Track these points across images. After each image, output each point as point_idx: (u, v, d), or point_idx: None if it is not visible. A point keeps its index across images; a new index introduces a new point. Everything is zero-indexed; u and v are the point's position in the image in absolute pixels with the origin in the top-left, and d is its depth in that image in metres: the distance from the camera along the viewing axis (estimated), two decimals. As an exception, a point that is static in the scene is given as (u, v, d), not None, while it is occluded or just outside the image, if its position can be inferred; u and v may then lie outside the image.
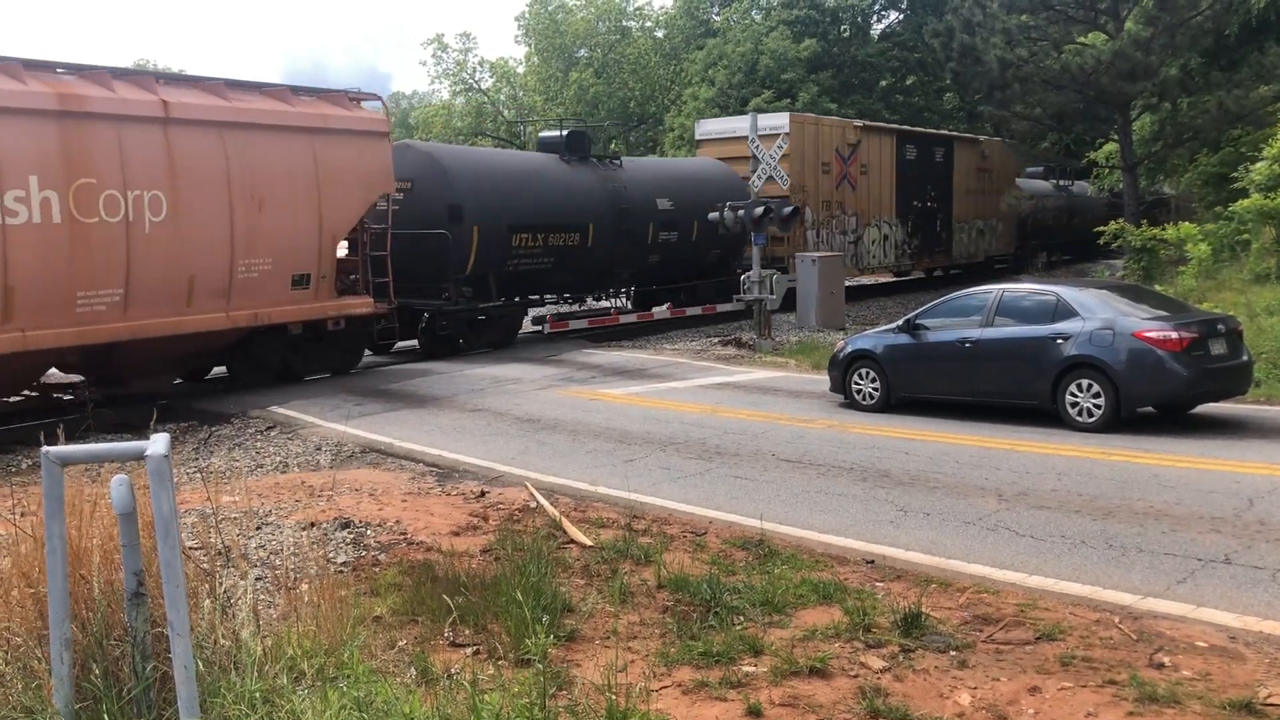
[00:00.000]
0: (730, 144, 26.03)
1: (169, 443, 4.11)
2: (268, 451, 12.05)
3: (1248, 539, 7.49)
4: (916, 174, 31.38)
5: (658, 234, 22.75)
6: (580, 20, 54.44)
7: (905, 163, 30.92)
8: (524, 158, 22.55)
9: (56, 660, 4.12)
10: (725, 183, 24.75)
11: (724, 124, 28.15)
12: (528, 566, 6.63)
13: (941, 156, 33.03)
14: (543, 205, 20.03)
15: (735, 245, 24.69)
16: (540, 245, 20.14)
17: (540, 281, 20.91)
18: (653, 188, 22.83)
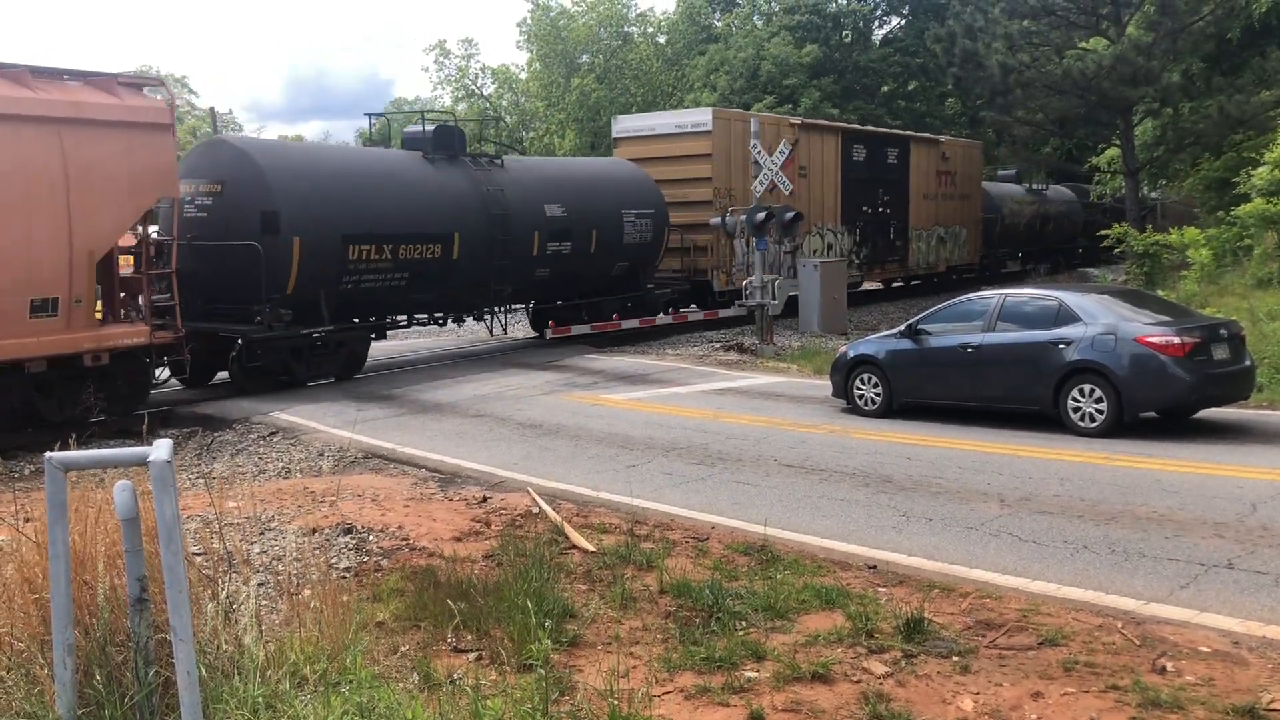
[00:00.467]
0: (650, 143, 24.44)
1: (172, 448, 4.11)
2: (270, 457, 12.06)
3: (1251, 544, 7.48)
4: (866, 177, 28.93)
5: (545, 244, 19.93)
6: (582, 26, 54.48)
7: (852, 164, 28.33)
8: (371, 156, 19.09)
9: (59, 666, 4.12)
10: (634, 186, 22.43)
11: (643, 120, 26.01)
12: (530, 572, 6.63)
13: (895, 158, 30.43)
14: (392, 212, 17.00)
15: (646, 256, 22.76)
16: (388, 259, 17.04)
17: (390, 302, 17.93)
18: (539, 191, 20.10)
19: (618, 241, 21.49)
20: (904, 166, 30.72)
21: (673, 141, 24.20)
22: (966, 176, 34.36)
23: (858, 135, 29.66)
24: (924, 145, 32.36)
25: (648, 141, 24.68)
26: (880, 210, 29.71)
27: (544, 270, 20.35)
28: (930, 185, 32.15)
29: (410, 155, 18.65)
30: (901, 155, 30.69)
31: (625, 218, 21.69)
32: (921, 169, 31.63)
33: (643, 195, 22.35)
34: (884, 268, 30.66)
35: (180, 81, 74.76)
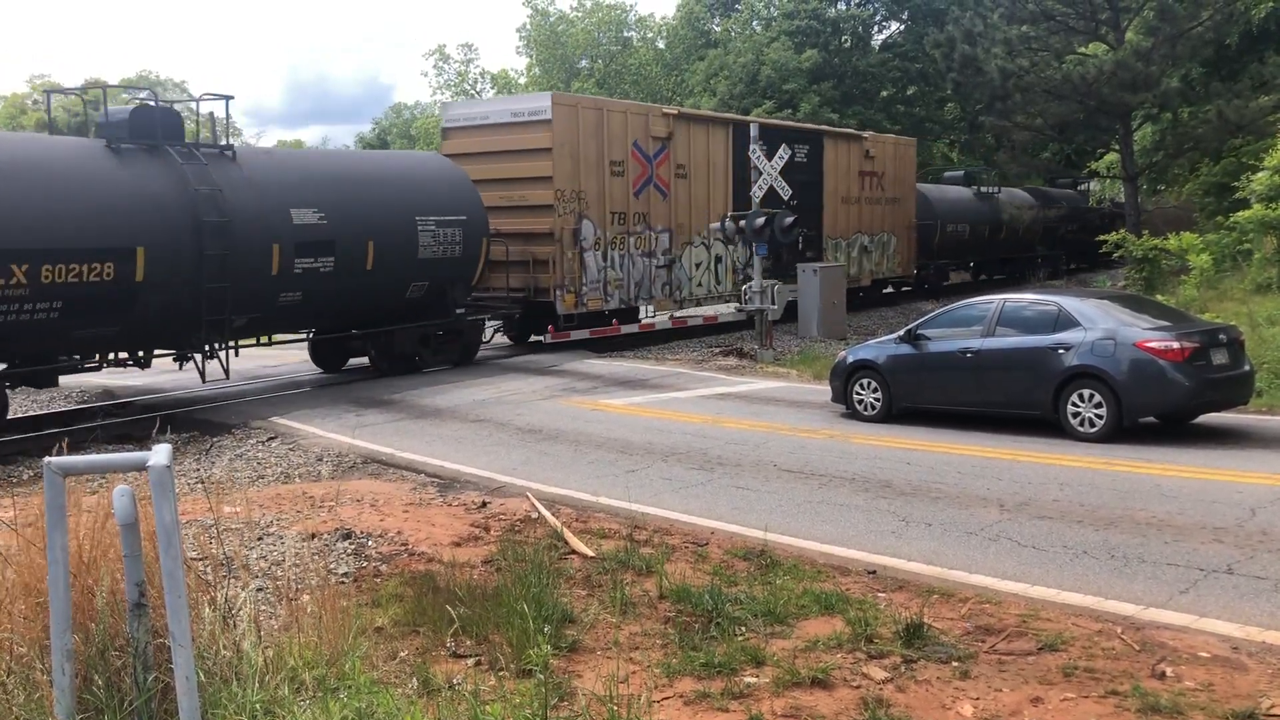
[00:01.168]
0: (482, 134, 20.61)
1: (171, 453, 4.11)
2: (269, 462, 12.05)
3: (1250, 549, 7.48)
4: (807, 179, 25.87)
5: (291, 261, 15.18)
6: (581, 31, 54.60)
7: (749, 163, 23.82)
8: (24, 147, 13.87)
9: (58, 671, 4.12)
10: (437, 186, 18.12)
11: (475, 108, 22.30)
12: (529, 577, 6.63)
13: (805, 156, 26.36)
14: (36, 221, 12.43)
15: (457, 274, 18.08)
16: (22, 284, 12.30)
17: (34, 340, 13.07)
18: (285, 192, 15.40)
19: (410, 256, 17.07)
20: (816, 165, 26.97)
21: (508, 133, 20.31)
22: (897, 178, 30.99)
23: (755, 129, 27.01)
24: (842, 141, 28.61)
25: (480, 133, 20.77)
26: None
27: (292, 294, 15.45)
28: (851, 187, 28.64)
29: (87, 145, 14.07)
30: (813, 153, 26.84)
31: (422, 226, 17.22)
32: (839, 168, 28.20)
33: (451, 197, 18.02)
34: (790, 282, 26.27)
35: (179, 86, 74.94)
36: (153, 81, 73.13)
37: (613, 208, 21.07)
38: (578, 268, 20.29)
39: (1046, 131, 33.08)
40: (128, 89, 18.05)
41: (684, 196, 22.99)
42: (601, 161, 20.71)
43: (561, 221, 19.79)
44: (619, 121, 21.28)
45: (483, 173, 19.65)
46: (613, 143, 20.96)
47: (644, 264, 21.82)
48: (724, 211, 23.06)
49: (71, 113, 53.09)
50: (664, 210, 22.33)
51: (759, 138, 21.14)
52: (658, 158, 21.90)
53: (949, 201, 34.05)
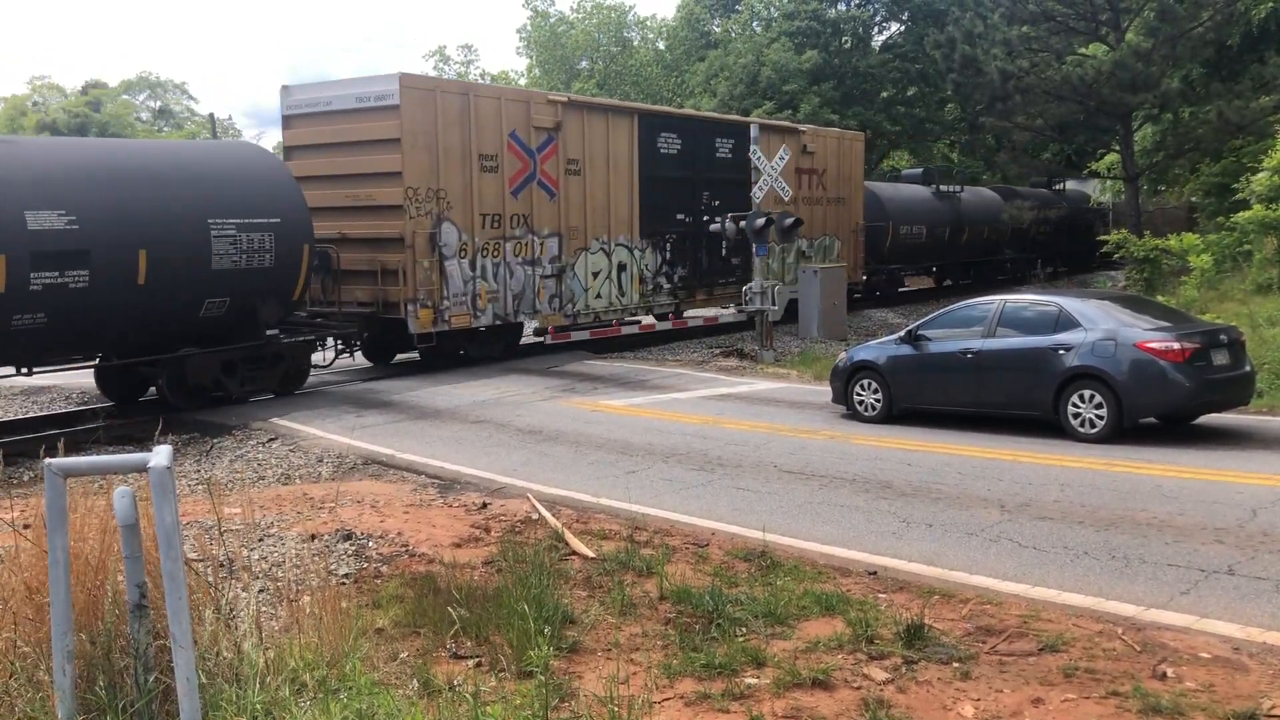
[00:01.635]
0: (326, 122, 17.73)
1: (171, 454, 4.11)
2: (269, 463, 12.05)
3: (1251, 550, 7.48)
4: (683, 175, 22.64)
5: (28, 275, 12.44)
6: (581, 32, 54.61)
7: (659, 158, 22.04)
8: None
9: (59, 672, 4.12)
10: (242, 181, 15.04)
11: (318, 91, 18.27)
12: (529, 578, 6.62)
13: (730, 150, 23.82)
14: None
15: (270, 288, 15.01)
16: None
17: None
18: (17, 191, 12.56)
19: (201, 268, 14.13)
20: (743, 162, 23.22)
21: (354, 120, 17.49)
22: (842, 176, 28.13)
23: (665, 120, 23.07)
24: (775, 135, 25.29)
25: (324, 121, 17.79)
26: (707, 219, 22.89)
27: (30, 316, 12.65)
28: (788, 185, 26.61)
29: None
30: (740, 148, 23.61)
31: (218, 231, 14.27)
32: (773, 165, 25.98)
33: (261, 196, 15.06)
34: (714, 292, 24.20)
35: (180, 87, 74.98)
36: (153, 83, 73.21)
37: (484, 209, 18.21)
38: (437, 278, 17.39)
39: (1047, 132, 33.09)
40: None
41: (577, 196, 20.06)
42: (468, 155, 17.86)
43: (414, 224, 16.99)
44: (490, 109, 18.33)
45: (327, 167, 17.53)
46: (483, 133, 18.09)
47: (526, 274, 18.98)
48: (628, 214, 21.27)
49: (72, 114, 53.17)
50: (551, 212, 19.49)
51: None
52: (543, 151, 19.07)
53: (903, 201, 31.54)
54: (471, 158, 18.01)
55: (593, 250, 20.64)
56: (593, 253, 20.65)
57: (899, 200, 31.37)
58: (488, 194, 18.33)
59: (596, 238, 20.71)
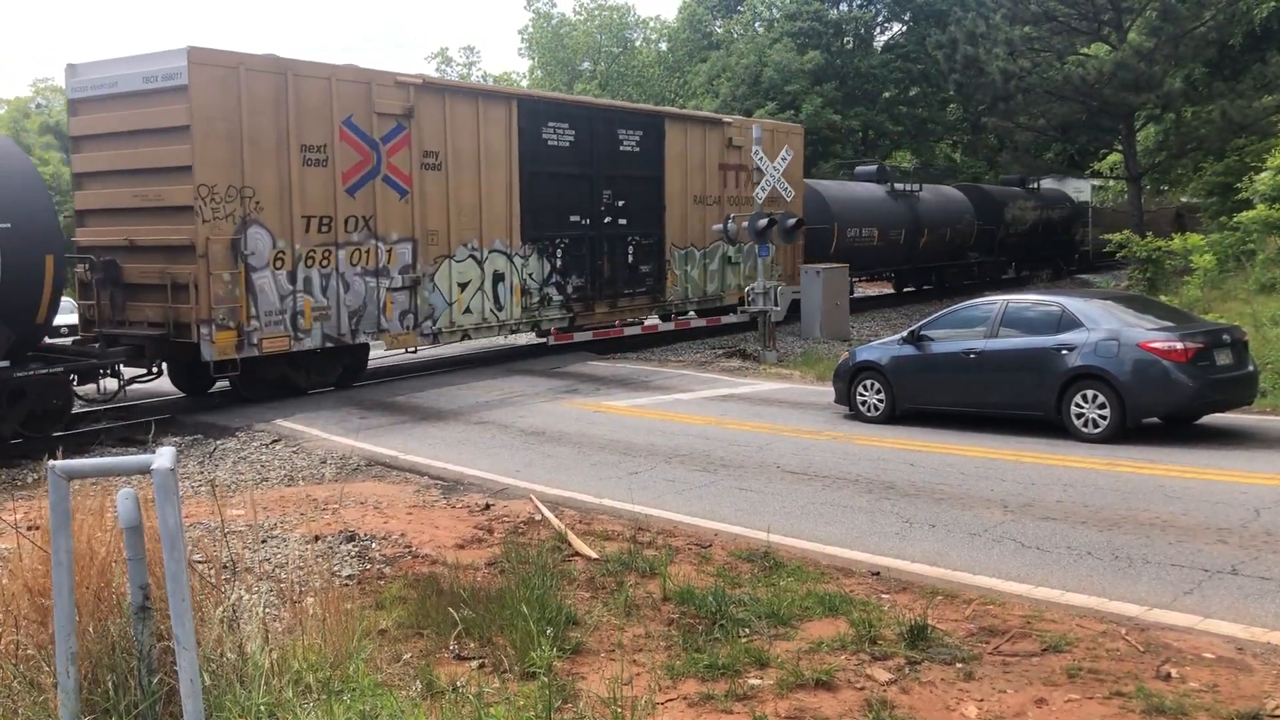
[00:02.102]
0: (115, 106, 14.85)
1: (175, 456, 4.12)
2: (273, 465, 12.06)
3: (1255, 550, 7.47)
4: (578, 171, 19.89)
5: None
6: (583, 34, 54.64)
7: (546, 151, 19.19)
8: None
9: (62, 674, 4.12)
10: None
11: (106, 71, 15.08)
12: (533, 579, 6.63)
13: (637, 144, 21.13)
14: None
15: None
16: None
17: None
18: None
19: None
20: (654, 157, 21.54)
21: (141, 104, 14.61)
22: None
23: (553, 107, 19.89)
24: (694, 127, 22.82)
25: (112, 105, 14.97)
26: (609, 221, 20.59)
27: None
28: (708, 185, 23.08)
29: None
30: (649, 140, 21.39)
31: None
32: (690, 161, 22.61)
33: None
34: (618, 304, 21.21)
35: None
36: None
37: (309, 210, 15.24)
38: (242, 294, 14.49)
39: (1049, 132, 33.08)
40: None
41: (438, 195, 17.26)
42: (285, 146, 14.89)
43: (209, 229, 14.14)
44: (316, 91, 15.32)
45: (115, 161, 14.97)
46: (307, 120, 15.16)
47: (368, 286, 16.14)
48: (506, 215, 18.55)
49: None
50: (402, 213, 16.66)
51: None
52: (390, 142, 16.35)
53: (852, 201, 28.73)
54: (290, 149, 14.99)
55: (459, 258, 17.77)
56: (459, 260, 17.77)
57: (846, 200, 28.68)
58: (314, 192, 15.36)
59: (465, 243, 17.83)
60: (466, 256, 17.98)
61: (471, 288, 18.10)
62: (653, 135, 21.60)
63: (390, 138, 16.46)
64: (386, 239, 16.47)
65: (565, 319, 20.10)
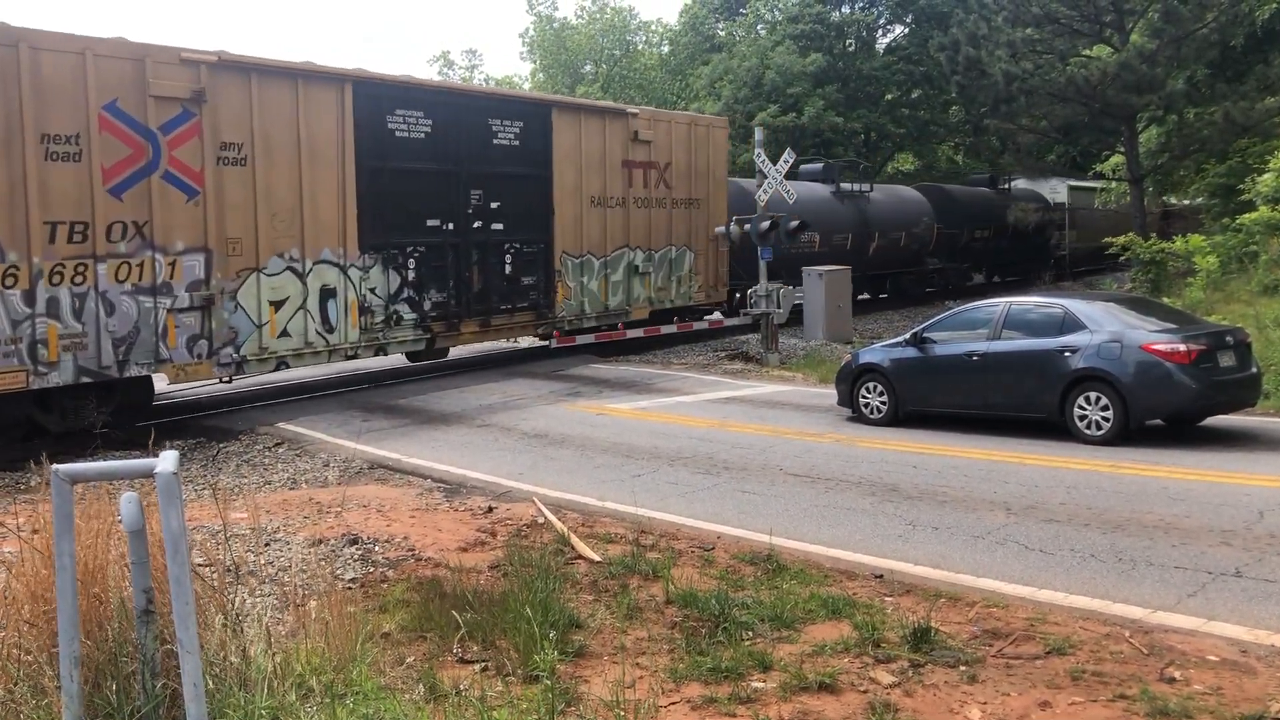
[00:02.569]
0: None
1: (178, 460, 4.12)
2: (276, 468, 12.07)
3: (1258, 552, 7.46)
4: (437, 167, 16.89)
5: None
6: (585, 36, 54.65)
7: (393, 144, 16.23)
8: None
9: (66, 678, 4.12)
10: None
11: None
12: (535, 582, 6.63)
13: (515, 136, 18.23)
14: None
15: None
16: None
17: None
18: None
19: None
20: (540, 152, 18.73)
21: None
22: (695, 171, 22.63)
23: (401, 92, 16.51)
24: (590, 118, 19.94)
25: None
26: (481, 226, 17.71)
27: None
28: (609, 183, 20.13)
29: None
30: (533, 133, 18.61)
31: None
32: (585, 157, 19.73)
33: None
34: (492, 322, 18.12)
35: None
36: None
37: (53, 214, 12.49)
38: None
39: (1051, 134, 33.02)
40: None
41: (241, 195, 14.36)
42: (16, 136, 12.22)
43: None
44: (66, 69, 12.61)
45: None
46: (51, 103, 12.46)
47: (141, 307, 13.32)
48: (338, 220, 15.56)
49: None
50: (191, 218, 13.83)
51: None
52: (174, 132, 13.59)
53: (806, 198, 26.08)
54: (24, 140, 12.24)
55: (272, 271, 14.74)
56: (272, 274, 14.74)
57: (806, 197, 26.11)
58: (61, 193, 12.58)
59: (280, 253, 14.85)
60: (283, 269, 14.91)
61: (290, 306, 15.03)
62: (537, 127, 18.74)
63: (173, 127, 13.66)
64: (168, 249, 13.58)
65: (421, 340, 16.99)
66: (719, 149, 23.53)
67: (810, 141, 40.91)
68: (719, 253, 23.16)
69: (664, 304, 22.02)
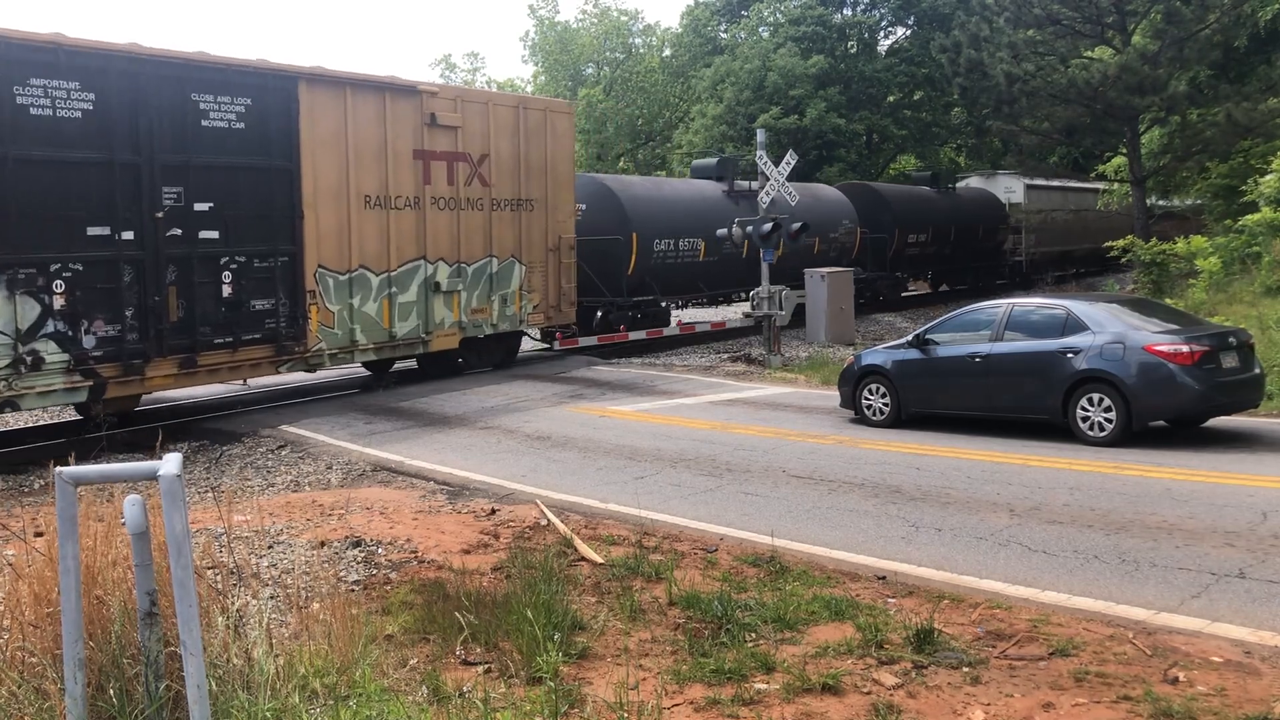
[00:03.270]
0: None
1: (181, 462, 4.13)
2: (279, 470, 12.08)
3: (1262, 553, 7.45)
4: (108, 157, 12.91)
5: None
6: (587, 39, 54.67)
7: (32, 127, 12.27)
8: None
9: (70, 680, 4.13)
10: None
11: None
12: (539, 584, 6.63)
13: (241, 117, 14.35)
14: None
15: None
16: None
17: None
18: None
19: None
20: (281, 138, 14.85)
21: None
22: (529, 166, 18.67)
23: (44, 56, 12.32)
24: (362, 96, 15.99)
25: None
26: (182, 234, 13.71)
27: None
28: (393, 180, 16.44)
29: None
30: (269, 113, 14.72)
31: None
32: (357, 145, 15.89)
33: None
34: (200, 359, 13.98)
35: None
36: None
37: None
38: None
39: (1053, 135, 33.03)
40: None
41: None
42: None
43: None
44: None
45: None
46: None
47: None
48: None
49: None
50: None
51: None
52: None
53: (662, 204, 22.41)
54: None
55: None
56: None
57: (654, 202, 22.23)
58: None
59: None
60: None
61: None
62: (275, 105, 14.71)
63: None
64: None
65: (80, 388, 12.82)
66: (562, 139, 19.56)
67: (812, 143, 40.89)
68: (561, 264, 19.36)
69: (482, 329, 18.07)
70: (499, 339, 18.90)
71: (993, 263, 35.26)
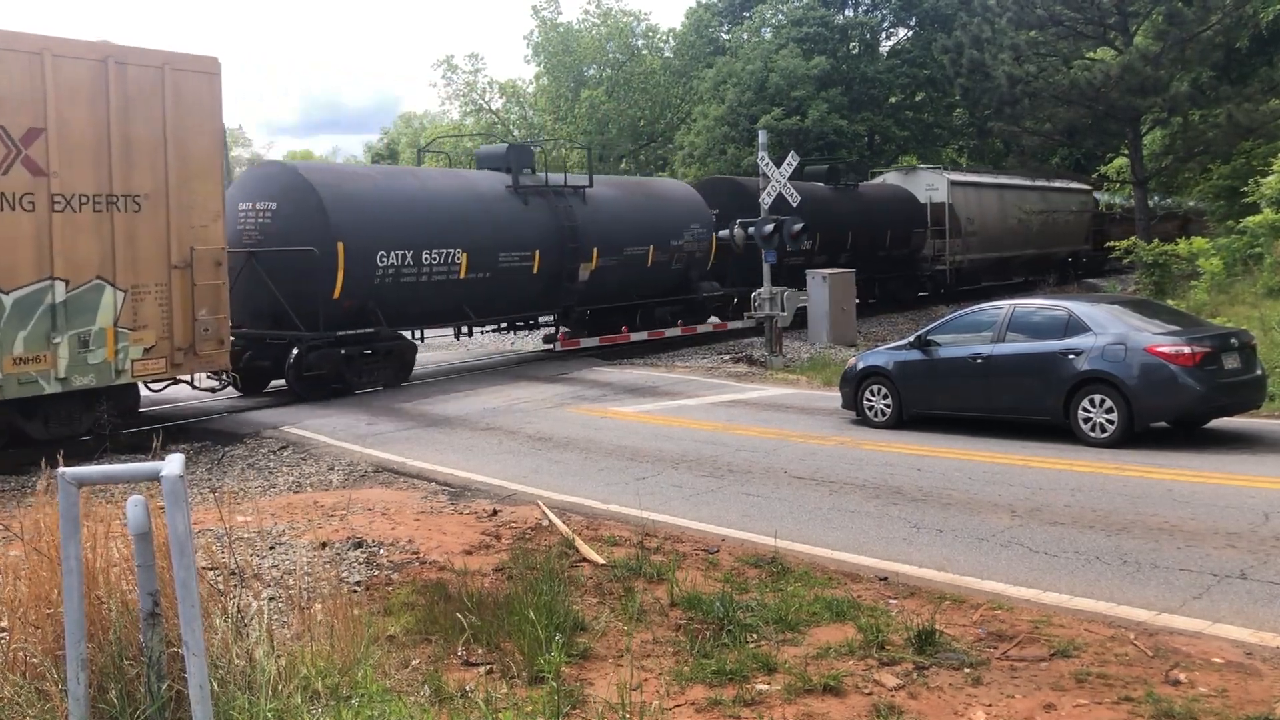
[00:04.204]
0: None
1: (184, 463, 4.13)
2: (280, 471, 12.09)
3: (1264, 554, 7.45)
4: None
5: None
6: (589, 39, 54.65)
7: None
8: None
9: (72, 681, 4.13)
10: None
11: None
12: (540, 585, 6.63)
13: None
14: None
15: None
16: None
17: None
18: None
19: None
20: None
21: None
22: (136, 145, 13.06)
23: None
24: None
25: None
26: None
27: None
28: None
29: None
30: None
31: None
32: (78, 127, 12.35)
33: None
34: None
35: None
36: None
37: None
38: None
39: (1055, 136, 33.02)
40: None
41: None
42: None
43: None
44: None
45: None
46: None
47: None
48: None
49: None
50: None
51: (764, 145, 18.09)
52: None
53: (389, 204, 17.22)
54: None
55: None
56: None
57: (380, 203, 17.03)
58: None
59: None
60: None
61: None
62: None
63: None
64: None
65: None
66: (196, 109, 13.71)
67: (814, 144, 40.87)
68: (197, 288, 13.71)
69: (42, 385, 12.31)
70: (87, 397, 13.03)
71: (907, 273, 30.34)
